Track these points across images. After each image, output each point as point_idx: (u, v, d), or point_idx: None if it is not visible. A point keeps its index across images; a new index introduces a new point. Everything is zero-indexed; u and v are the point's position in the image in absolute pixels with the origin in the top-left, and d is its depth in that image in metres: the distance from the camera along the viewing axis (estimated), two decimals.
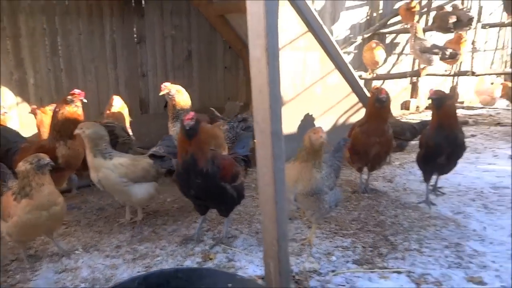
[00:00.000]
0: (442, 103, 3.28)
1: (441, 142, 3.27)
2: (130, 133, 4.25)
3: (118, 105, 4.37)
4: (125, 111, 4.43)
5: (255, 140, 3.25)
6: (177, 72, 5.81)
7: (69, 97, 3.37)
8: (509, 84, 7.11)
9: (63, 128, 3.31)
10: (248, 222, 3.28)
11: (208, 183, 2.69)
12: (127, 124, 4.35)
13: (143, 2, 5.43)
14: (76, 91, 3.41)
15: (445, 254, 2.73)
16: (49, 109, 3.84)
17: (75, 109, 3.36)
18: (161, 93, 3.85)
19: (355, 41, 6.93)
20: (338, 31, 6.86)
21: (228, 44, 6.09)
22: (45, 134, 3.71)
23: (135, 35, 5.46)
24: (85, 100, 3.45)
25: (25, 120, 4.69)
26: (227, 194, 2.79)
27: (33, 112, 4.00)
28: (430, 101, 3.41)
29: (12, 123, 4.49)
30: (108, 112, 4.33)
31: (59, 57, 5.02)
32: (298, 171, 2.68)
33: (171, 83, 3.94)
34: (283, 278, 2.30)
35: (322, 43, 4.63)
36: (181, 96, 3.83)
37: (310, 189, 2.67)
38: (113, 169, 2.99)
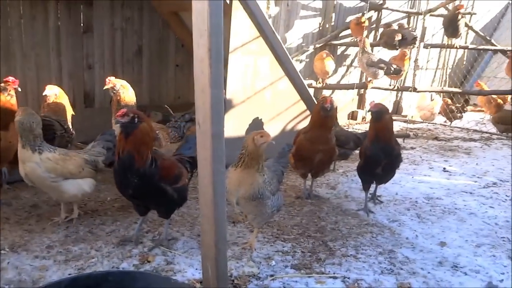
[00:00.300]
0: (381, 116, 3.43)
1: (378, 153, 3.42)
2: (70, 126, 4.01)
3: (52, 94, 4.03)
4: (65, 101, 4.13)
5: None
6: (126, 66, 5.62)
7: (2, 84, 3.13)
8: (448, 101, 7.63)
9: None
10: (191, 224, 3.23)
11: (146, 184, 2.60)
12: (68, 117, 4.10)
13: None
14: (10, 78, 3.18)
15: (379, 260, 2.85)
16: None
17: (8, 97, 3.13)
18: (105, 87, 3.69)
19: (307, 50, 7.09)
20: (291, 39, 6.98)
21: (181, 42, 5.98)
22: None
23: (81, 24, 5.19)
24: (19, 89, 3.23)
25: None
26: (167, 195, 2.71)
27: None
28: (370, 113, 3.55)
29: None
30: (45, 103, 4.02)
31: None
32: (241, 175, 2.66)
33: (117, 78, 3.79)
34: (221, 282, 2.28)
35: (273, 49, 4.68)
36: (126, 92, 3.71)
37: (252, 193, 2.67)
38: (39, 163, 2.83)
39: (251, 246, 2.90)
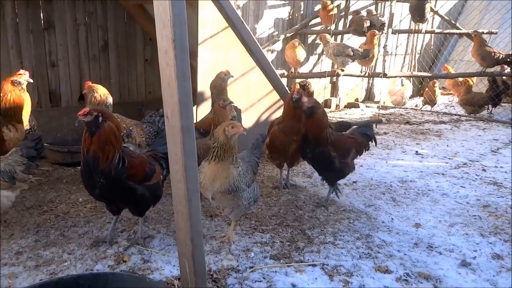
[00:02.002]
0: (313, 112, 3.25)
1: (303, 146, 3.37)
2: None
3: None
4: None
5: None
6: (92, 63, 5.42)
7: (15, 78, 3.20)
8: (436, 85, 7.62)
9: (12, 112, 3.22)
10: (167, 221, 3.17)
11: (113, 184, 2.52)
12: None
13: None
14: (22, 71, 3.26)
15: (356, 245, 2.88)
16: None
17: (21, 92, 3.22)
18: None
19: (278, 40, 7.07)
20: (261, 29, 6.93)
21: (148, 36, 5.82)
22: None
23: (42, 20, 4.97)
24: (31, 80, 3.38)
25: None
26: (136, 194, 2.63)
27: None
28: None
29: None
30: None
31: None
32: (215, 168, 2.61)
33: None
34: (198, 278, 2.24)
35: (243, 40, 4.62)
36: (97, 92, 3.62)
37: (228, 186, 2.63)
38: None
39: (229, 239, 2.87)
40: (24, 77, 3.37)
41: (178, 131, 2.00)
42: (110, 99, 3.73)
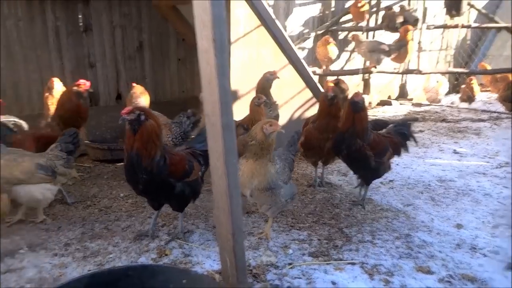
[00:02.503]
0: (361, 108, 3.20)
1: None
2: None
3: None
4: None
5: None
6: (128, 63, 5.58)
7: (75, 88, 3.36)
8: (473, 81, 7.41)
9: (69, 119, 3.37)
10: (205, 217, 3.22)
11: (155, 180, 2.59)
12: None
13: None
14: (82, 81, 3.40)
15: (396, 244, 2.83)
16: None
17: (81, 101, 3.37)
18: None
19: (309, 37, 7.03)
20: (292, 27, 6.92)
21: (181, 36, 5.93)
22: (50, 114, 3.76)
23: (80, 23, 5.15)
24: (91, 90, 3.54)
25: None
26: (176, 190, 2.69)
27: (51, 85, 3.89)
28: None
29: None
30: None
31: None
32: (253, 166, 2.64)
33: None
34: (240, 272, 2.27)
35: (275, 38, 4.63)
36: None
37: (266, 184, 2.65)
38: None
39: (266, 235, 2.89)
40: (83, 87, 3.51)
41: (219, 129, 2.03)
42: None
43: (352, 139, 3.20)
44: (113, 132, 4.98)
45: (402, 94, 8.64)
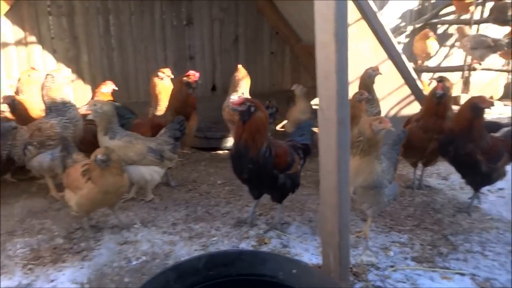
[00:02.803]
0: (481, 114, 2.98)
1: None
2: None
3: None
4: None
5: (315, 128, 3.20)
6: (223, 55, 5.79)
7: (185, 78, 3.51)
8: None
9: (182, 110, 3.50)
10: (300, 210, 3.25)
11: (260, 170, 2.67)
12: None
13: None
14: (191, 72, 3.54)
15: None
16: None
17: (191, 91, 3.47)
18: None
19: (405, 31, 6.69)
20: (388, 20, 6.61)
21: (275, 29, 6.00)
22: (160, 102, 3.98)
23: (183, 17, 5.44)
24: (199, 81, 3.63)
25: (80, 95, 4.82)
26: (279, 182, 2.76)
27: (161, 77, 4.08)
28: None
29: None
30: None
31: (111, 36, 5.09)
32: (359, 163, 2.59)
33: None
34: (343, 269, 2.26)
35: (375, 31, 4.49)
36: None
37: (372, 182, 2.60)
38: None
39: (365, 235, 2.84)
40: (193, 78, 3.63)
41: (334, 123, 2.03)
42: None
43: (463, 142, 3.00)
44: (208, 121, 5.22)
45: (507, 95, 7.86)
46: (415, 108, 4.54)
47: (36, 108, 3.73)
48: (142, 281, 2.04)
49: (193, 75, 3.52)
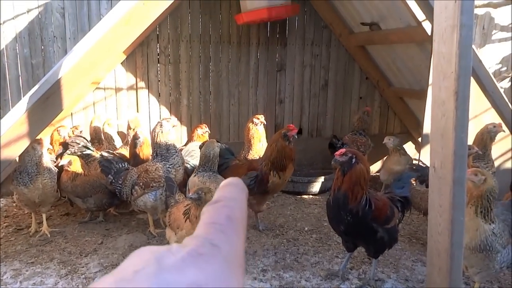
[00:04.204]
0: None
1: None
2: None
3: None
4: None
5: (413, 181, 3.07)
6: (312, 100, 5.89)
7: (284, 131, 3.62)
8: None
9: (278, 161, 3.57)
10: (395, 266, 3.08)
11: (358, 223, 2.61)
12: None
13: (286, 32, 5.67)
14: (292, 126, 3.67)
15: None
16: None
17: (287, 143, 3.59)
18: None
19: (508, 76, 6.24)
20: (487, 64, 6.24)
21: (365, 74, 5.98)
22: (252, 147, 4.18)
23: (276, 63, 5.69)
24: (296, 137, 3.67)
25: (177, 135, 5.21)
26: (377, 236, 2.66)
27: (255, 123, 4.28)
28: None
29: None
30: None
31: (209, 81, 5.47)
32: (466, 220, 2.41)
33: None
34: None
35: (478, 78, 4.26)
36: None
37: (479, 242, 2.39)
38: None
39: None
40: (291, 132, 3.65)
41: (448, 183, 1.94)
42: None
43: None
44: (294, 164, 5.26)
45: None
46: None
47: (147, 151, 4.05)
48: None
49: (293, 128, 3.62)
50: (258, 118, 4.25)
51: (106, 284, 0.34)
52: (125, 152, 4.18)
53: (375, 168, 5.89)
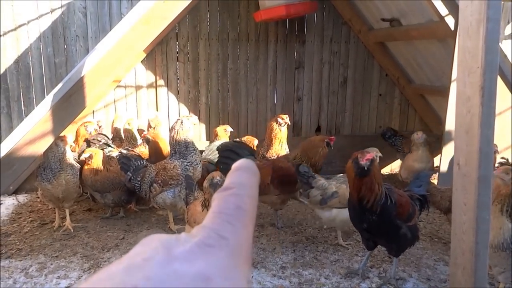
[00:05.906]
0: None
1: None
2: None
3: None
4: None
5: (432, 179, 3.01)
6: (331, 97, 5.84)
7: (327, 140, 3.72)
8: None
9: (318, 165, 3.66)
10: (416, 265, 3.04)
11: (383, 221, 2.58)
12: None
13: (305, 29, 5.64)
14: (332, 137, 3.79)
15: None
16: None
17: (328, 149, 3.71)
18: None
19: None
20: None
21: (385, 71, 5.90)
22: (273, 146, 4.20)
23: (294, 60, 5.67)
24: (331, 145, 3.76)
25: (196, 132, 5.25)
26: (400, 233, 2.63)
27: (279, 123, 4.26)
28: None
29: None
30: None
31: (227, 79, 5.50)
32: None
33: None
34: None
35: (503, 74, 4.15)
36: None
37: (503, 240, 2.34)
38: None
39: None
40: (332, 141, 3.75)
41: (473, 181, 1.90)
42: None
43: None
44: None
45: None
46: None
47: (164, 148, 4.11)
48: None
49: (333, 138, 3.70)
50: (283, 119, 4.17)
51: (116, 270, 0.35)
52: (145, 150, 4.24)
53: (392, 167, 5.81)
